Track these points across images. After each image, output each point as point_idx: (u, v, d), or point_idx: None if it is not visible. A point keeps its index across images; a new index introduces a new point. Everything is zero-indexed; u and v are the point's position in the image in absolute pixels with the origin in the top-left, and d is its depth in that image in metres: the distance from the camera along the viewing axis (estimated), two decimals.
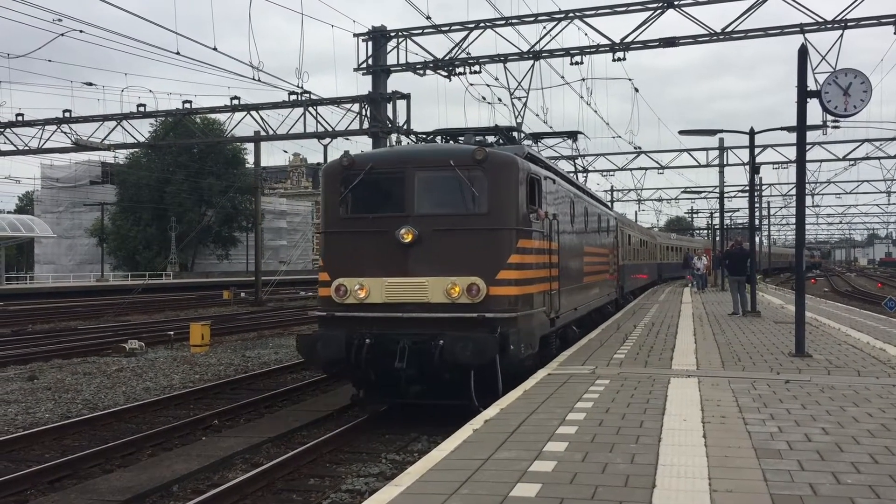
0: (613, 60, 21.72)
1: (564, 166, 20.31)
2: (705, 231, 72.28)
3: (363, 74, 23.47)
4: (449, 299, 9.51)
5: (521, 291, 9.75)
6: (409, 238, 9.60)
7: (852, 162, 44.16)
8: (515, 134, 13.18)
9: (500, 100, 25.16)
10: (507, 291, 9.58)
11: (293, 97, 25.77)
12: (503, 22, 22.12)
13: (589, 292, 15.53)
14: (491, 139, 12.33)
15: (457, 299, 9.49)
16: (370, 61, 23.25)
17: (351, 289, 9.88)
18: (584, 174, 23.88)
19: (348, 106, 25.68)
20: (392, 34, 23.27)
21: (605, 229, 18.98)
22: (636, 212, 76.32)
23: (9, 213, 79.06)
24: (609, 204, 24.02)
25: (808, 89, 11.42)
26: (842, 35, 19.81)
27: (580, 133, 17.77)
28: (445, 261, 9.62)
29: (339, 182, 10.27)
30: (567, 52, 22.30)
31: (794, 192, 15.29)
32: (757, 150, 27.45)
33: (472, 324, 9.39)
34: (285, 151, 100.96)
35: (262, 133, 29.23)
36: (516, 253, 9.75)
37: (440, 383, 9.65)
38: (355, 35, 23.23)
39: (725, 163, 38.80)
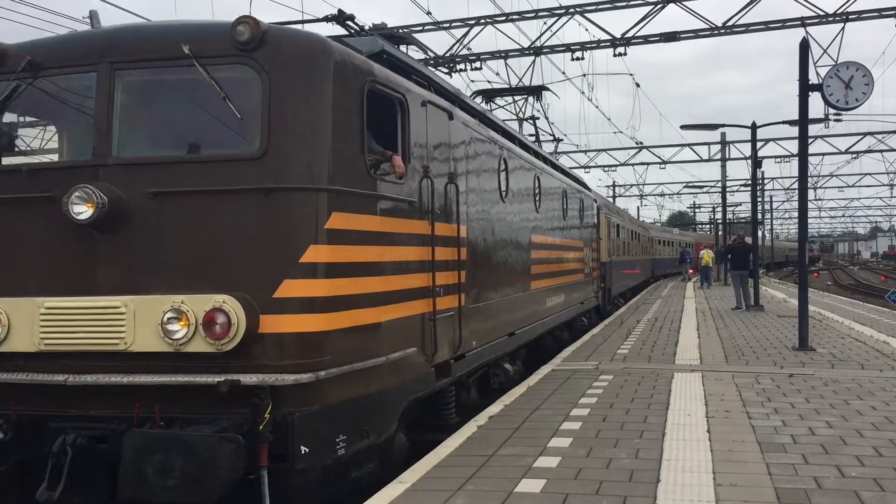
0: (614, 56, 21.75)
1: (565, 153, 19.41)
2: (708, 226, 72.21)
3: None
4: (170, 344, 4.75)
5: (336, 323, 5.00)
6: (89, 211, 4.78)
7: (855, 155, 44.25)
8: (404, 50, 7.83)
9: None
10: (297, 326, 4.84)
11: None
12: (504, 18, 22.10)
13: (542, 304, 10.93)
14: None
15: (183, 344, 4.74)
16: None
17: None
18: (554, 142, 17.90)
19: None
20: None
21: (579, 214, 14.66)
22: (638, 207, 76.24)
23: None
24: (587, 184, 18.64)
25: (810, 83, 11.43)
26: (843, 28, 19.80)
27: (546, 89, 14.33)
28: (168, 261, 4.92)
29: None
30: (568, 47, 22.28)
31: (796, 185, 15.30)
32: (759, 144, 27.45)
33: (208, 400, 4.67)
34: None
35: None
36: (328, 240, 4.97)
37: None
38: None
39: (727, 157, 38.81)
